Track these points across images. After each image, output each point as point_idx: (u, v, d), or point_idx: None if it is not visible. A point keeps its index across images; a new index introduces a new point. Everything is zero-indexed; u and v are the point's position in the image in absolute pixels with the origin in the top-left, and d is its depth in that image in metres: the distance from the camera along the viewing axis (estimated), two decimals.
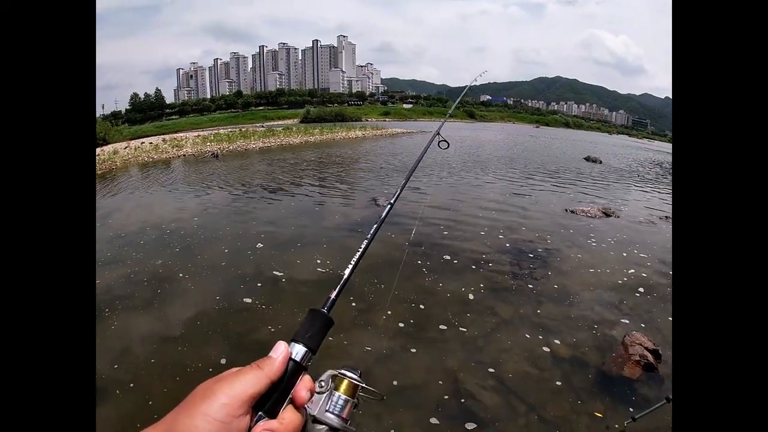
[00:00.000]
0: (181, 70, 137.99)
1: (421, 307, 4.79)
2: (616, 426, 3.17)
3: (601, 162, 21.47)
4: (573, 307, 4.97)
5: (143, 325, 4.28)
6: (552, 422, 3.19)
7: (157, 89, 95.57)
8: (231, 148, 23.13)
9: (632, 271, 6.12)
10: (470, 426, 3.14)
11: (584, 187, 13.40)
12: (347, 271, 0.71)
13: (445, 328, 4.43)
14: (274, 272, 5.42)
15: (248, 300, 4.72)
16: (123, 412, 3.13)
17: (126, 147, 21.98)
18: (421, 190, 10.96)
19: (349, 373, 0.56)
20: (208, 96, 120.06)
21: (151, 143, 24.17)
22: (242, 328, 4.23)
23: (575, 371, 3.83)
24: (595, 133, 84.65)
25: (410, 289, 5.16)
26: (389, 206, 0.96)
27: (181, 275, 5.31)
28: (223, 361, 3.66)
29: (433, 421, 3.18)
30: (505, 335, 4.37)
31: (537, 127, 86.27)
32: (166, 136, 30.50)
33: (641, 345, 4.17)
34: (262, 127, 41.29)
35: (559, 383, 3.64)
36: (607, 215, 9.42)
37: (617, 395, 3.53)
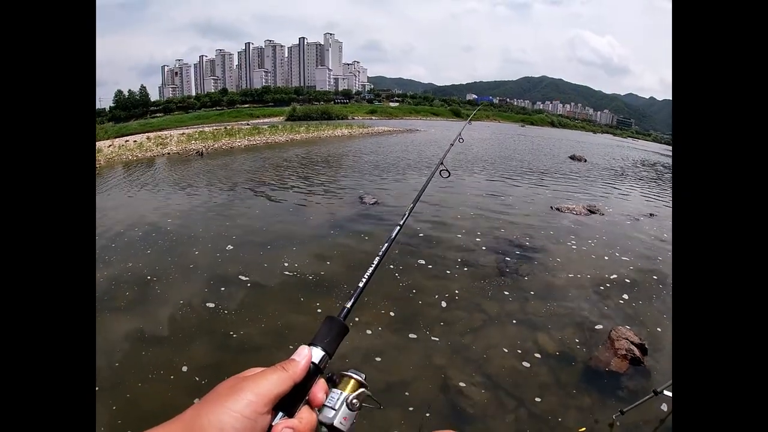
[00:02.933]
0: (166, 67, 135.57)
1: (408, 303, 4.77)
2: (605, 419, 3.20)
3: (585, 160, 21.76)
4: (559, 303, 5.01)
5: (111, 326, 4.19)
6: (541, 417, 3.20)
7: (142, 86, 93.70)
8: (216, 146, 22.89)
9: (617, 267, 6.20)
10: (459, 422, 3.13)
11: (569, 185, 13.56)
12: (361, 284, 0.74)
13: (433, 324, 4.42)
14: (240, 276, 5.30)
15: (211, 305, 4.62)
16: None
17: (110, 145, 21.58)
18: (413, 187, 10.95)
19: (355, 375, 0.57)
20: (194, 93, 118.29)
21: (135, 141, 23.79)
22: (204, 333, 4.13)
23: (563, 366, 3.85)
24: (580, 132, 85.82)
25: (397, 286, 5.13)
26: (398, 227, 1.00)
27: (149, 278, 5.17)
28: (184, 369, 3.55)
29: (422, 417, 3.17)
30: (493, 331, 4.38)
31: (522, 126, 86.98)
32: (151, 134, 30.02)
33: (627, 339, 4.22)
34: (248, 125, 40.83)
35: (546, 378, 3.66)
36: (592, 213, 9.54)
37: (605, 389, 3.56)
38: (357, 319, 4.32)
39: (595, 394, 3.48)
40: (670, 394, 2.71)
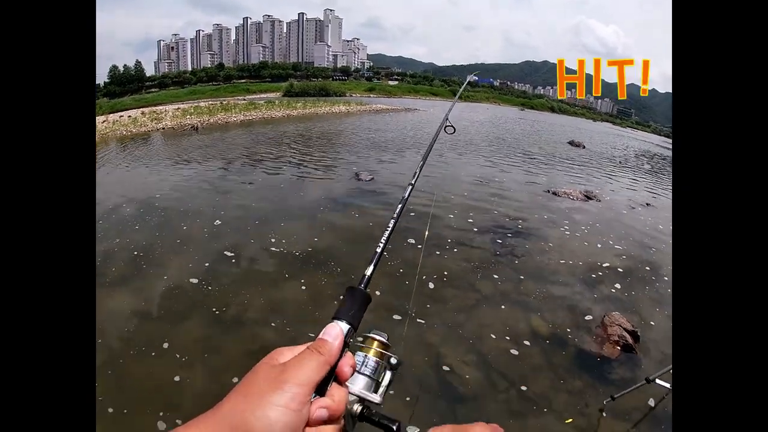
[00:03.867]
0: (162, 42, 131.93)
1: (402, 281, 4.71)
2: (595, 404, 3.18)
3: (584, 147, 21.60)
4: (553, 286, 4.97)
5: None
6: (532, 399, 3.18)
7: (137, 61, 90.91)
8: (211, 121, 22.56)
9: (612, 254, 6.17)
10: (451, 401, 3.10)
11: (567, 170, 13.47)
12: (379, 249, 0.71)
13: (427, 302, 4.38)
14: (225, 252, 5.19)
15: (194, 280, 4.51)
16: None
17: (104, 121, 21.13)
18: (410, 166, 10.82)
19: (378, 336, 0.56)
20: (190, 68, 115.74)
21: (130, 117, 23.32)
22: (187, 309, 4.03)
23: (555, 349, 3.82)
24: (580, 119, 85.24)
25: (392, 263, 5.06)
26: (410, 186, 1.00)
27: (135, 253, 5.04)
28: (165, 345, 3.46)
29: (415, 395, 3.14)
30: (486, 311, 4.35)
31: (522, 109, 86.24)
32: (146, 109, 29.40)
33: (620, 326, 4.19)
34: (244, 100, 40.21)
35: (538, 360, 3.64)
36: (589, 198, 9.48)
37: (596, 374, 3.54)
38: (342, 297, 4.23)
39: (587, 378, 3.46)
40: (662, 383, 2.68)
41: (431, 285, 4.71)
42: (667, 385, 2.66)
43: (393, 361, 0.57)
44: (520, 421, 2.99)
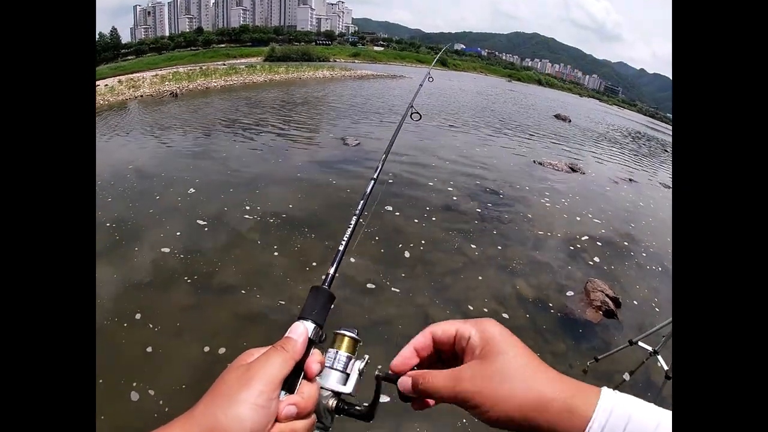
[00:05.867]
0: (138, 7, 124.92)
1: (390, 245, 4.69)
2: (579, 364, 3.27)
3: (570, 121, 21.66)
4: (537, 252, 5.04)
5: None
6: None
7: (113, 28, 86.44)
8: (191, 87, 21.74)
9: (597, 222, 6.27)
10: None
11: (552, 142, 13.51)
12: (341, 248, 0.71)
13: (415, 266, 4.38)
14: (198, 221, 5.03)
15: (166, 250, 4.38)
16: None
17: None
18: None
19: (348, 332, 0.58)
20: (167, 34, 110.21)
21: (106, 85, 22.06)
22: (155, 279, 3.92)
23: (539, 312, 3.89)
24: (566, 94, 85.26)
25: (378, 228, 5.03)
26: (373, 182, 0.99)
27: (108, 225, 4.82)
28: (138, 316, 3.38)
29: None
30: (473, 274, 4.38)
31: (509, 81, 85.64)
32: (122, 78, 27.93)
33: (602, 292, 4.29)
34: (224, 65, 38.64)
35: (524, 322, 3.70)
36: (573, 170, 9.55)
37: (579, 337, 3.63)
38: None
39: (570, 341, 3.55)
40: (645, 345, 2.76)
41: (421, 248, 4.71)
42: (650, 348, 2.74)
43: (365, 358, 0.58)
44: None
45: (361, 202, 0.86)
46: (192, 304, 3.58)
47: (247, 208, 5.41)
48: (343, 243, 0.72)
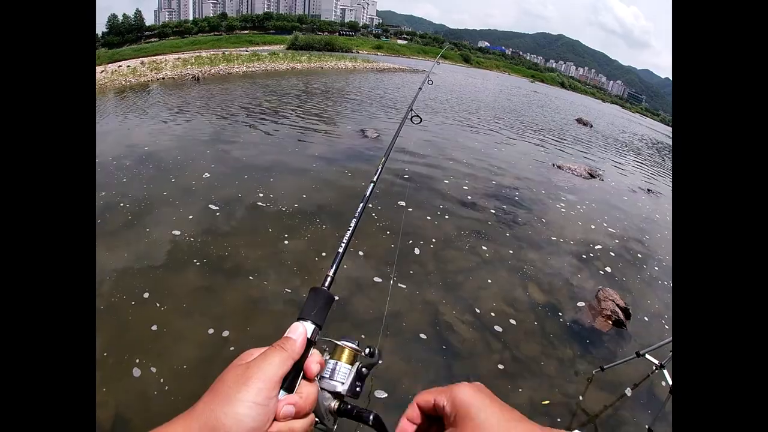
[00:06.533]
0: None
1: (404, 240, 4.68)
2: (584, 373, 3.23)
3: (591, 126, 21.30)
4: (551, 256, 4.99)
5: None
6: (523, 361, 3.23)
7: (137, 10, 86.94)
8: (213, 71, 21.89)
9: (612, 231, 6.17)
10: (448, 356, 3.14)
11: (572, 146, 13.31)
12: (340, 250, 0.73)
13: (427, 262, 4.38)
14: (210, 205, 5.06)
15: (176, 233, 4.42)
16: None
17: (103, 71, 20.26)
18: (411, 129, 10.56)
19: (349, 343, 0.58)
20: (191, 18, 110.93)
21: (128, 67, 22.33)
22: (164, 261, 3.96)
23: (549, 316, 3.86)
24: (589, 98, 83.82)
25: (393, 222, 5.02)
26: (372, 184, 1.00)
27: (121, 206, 4.89)
28: (146, 295, 3.44)
29: (411, 345, 3.20)
30: (485, 274, 4.36)
31: (533, 81, 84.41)
32: (145, 59, 28.25)
33: (613, 301, 4.23)
34: (247, 51, 38.80)
35: (533, 326, 3.68)
36: (592, 176, 9.41)
37: (587, 345, 3.59)
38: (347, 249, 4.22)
39: (577, 348, 3.51)
40: (652, 358, 2.71)
41: (431, 246, 4.69)
42: (657, 362, 2.69)
43: (364, 370, 0.59)
44: (512, 382, 3.04)
45: (361, 205, 0.87)
46: (199, 286, 3.63)
47: (260, 195, 5.44)
48: (343, 245, 0.73)
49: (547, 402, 2.91)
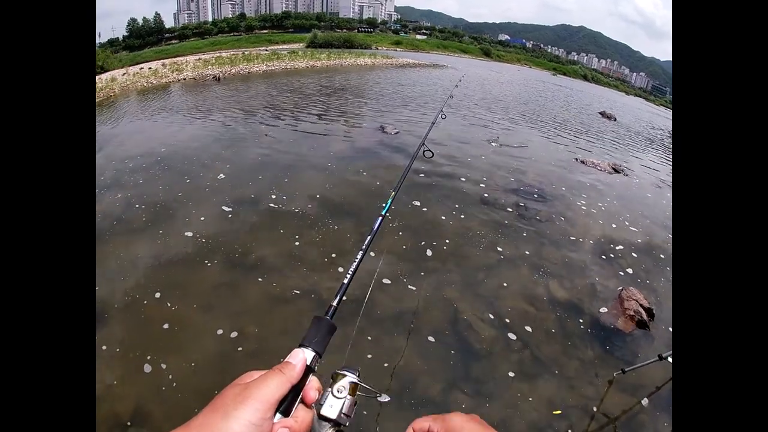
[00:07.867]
0: None
1: (423, 236, 4.71)
2: (605, 374, 3.19)
3: (616, 119, 20.74)
4: (574, 254, 4.92)
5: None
6: (543, 362, 3.21)
7: (156, 13, 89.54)
8: (233, 71, 22.26)
9: (635, 229, 6.02)
10: (466, 355, 3.15)
11: (595, 141, 12.99)
12: (346, 280, 0.75)
13: (447, 258, 4.39)
14: (224, 207, 5.12)
15: (189, 234, 4.50)
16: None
17: (124, 73, 20.98)
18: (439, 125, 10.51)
19: (349, 373, 0.60)
20: (210, 19, 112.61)
21: (150, 68, 23.01)
22: (179, 262, 4.04)
23: (570, 316, 3.82)
24: (612, 91, 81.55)
25: (413, 218, 5.04)
26: (380, 218, 1.03)
27: (136, 206, 5.01)
28: (158, 295, 3.53)
29: (430, 343, 3.21)
30: (506, 272, 4.34)
31: (554, 74, 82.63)
32: (166, 61, 29.16)
33: (637, 301, 4.15)
34: (266, 50, 39.24)
35: (553, 326, 3.65)
36: (617, 171, 9.19)
37: (608, 346, 3.53)
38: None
39: (598, 349, 3.47)
40: None
41: (451, 241, 4.69)
42: None
43: (362, 389, 0.61)
44: (531, 383, 3.03)
45: (369, 237, 0.89)
46: (209, 288, 3.70)
47: (273, 197, 5.49)
48: (348, 276, 0.75)
49: (558, 412, 2.86)
